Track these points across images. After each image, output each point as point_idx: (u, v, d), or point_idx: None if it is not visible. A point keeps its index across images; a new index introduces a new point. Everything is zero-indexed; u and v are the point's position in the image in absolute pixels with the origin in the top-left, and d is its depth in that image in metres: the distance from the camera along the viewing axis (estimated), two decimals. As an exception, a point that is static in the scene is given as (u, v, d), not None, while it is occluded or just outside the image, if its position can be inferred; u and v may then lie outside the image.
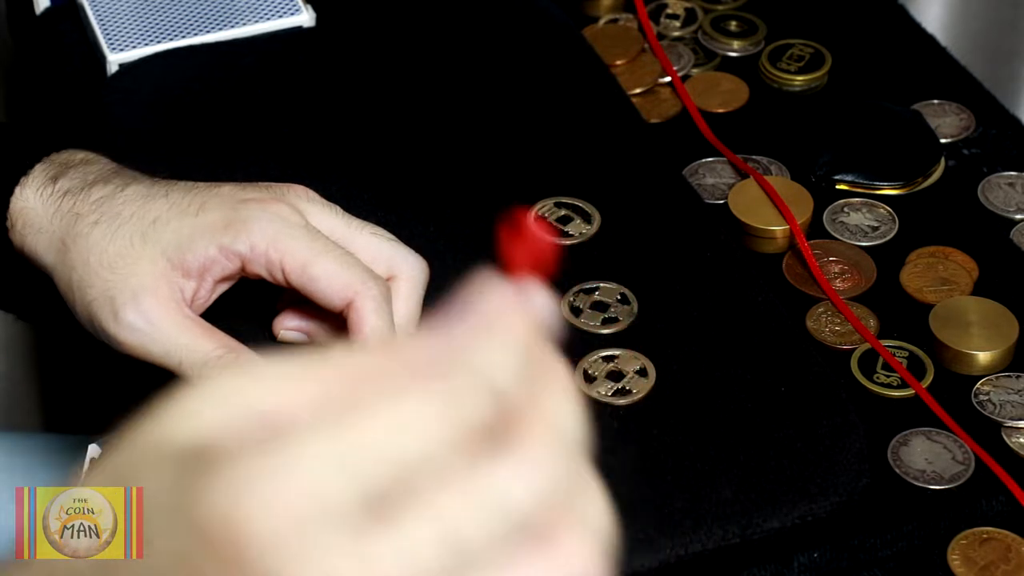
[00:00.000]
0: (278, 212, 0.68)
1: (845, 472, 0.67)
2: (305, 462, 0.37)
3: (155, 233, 0.68)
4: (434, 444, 0.37)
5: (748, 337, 0.73)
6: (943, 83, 0.90)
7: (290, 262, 0.67)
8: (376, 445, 0.37)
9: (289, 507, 0.37)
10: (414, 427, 0.37)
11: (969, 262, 0.79)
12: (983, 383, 0.73)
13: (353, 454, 0.37)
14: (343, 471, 0.37)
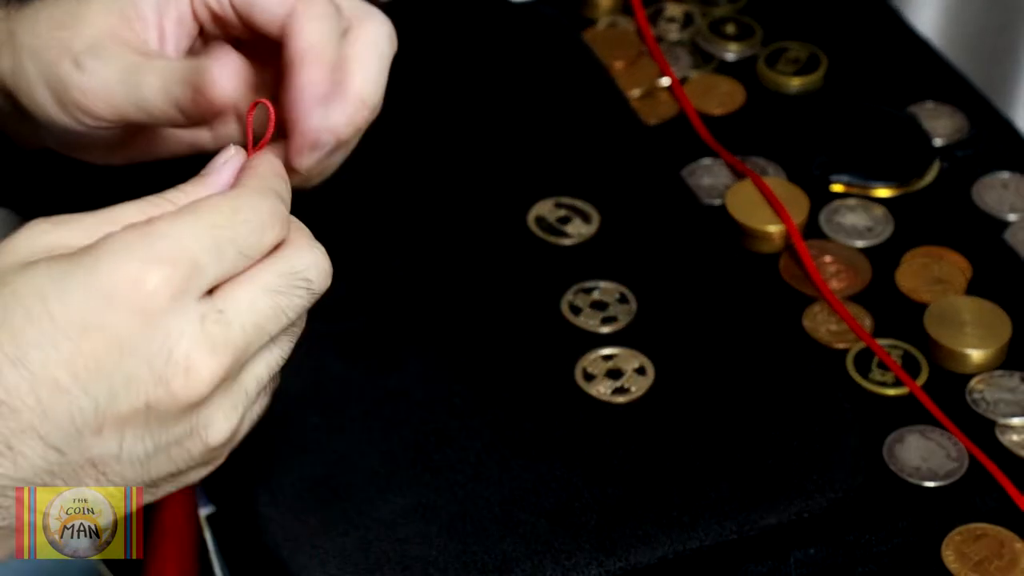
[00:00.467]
0: None
1: (841, 469, 0.68)
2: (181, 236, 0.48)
3: None
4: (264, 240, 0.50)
5: (745, 336, 0.73)
6: (937, 85, 0.90)
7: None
8: (231, 235, 0.49)
9: (179, 268, 0.48)
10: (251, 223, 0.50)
11: (963, 262, 0.79)
12: (977, 381, 0.74)
13: (217, 238, 0.49)
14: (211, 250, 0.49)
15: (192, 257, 0.49)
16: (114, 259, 0.48)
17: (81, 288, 0.48)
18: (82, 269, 0.48)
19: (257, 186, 0.52)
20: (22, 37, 0.61)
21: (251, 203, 0.51)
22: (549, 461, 0.68)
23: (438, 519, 0.66)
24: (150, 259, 0.48)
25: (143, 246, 0.48)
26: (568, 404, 0.70)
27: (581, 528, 0.65)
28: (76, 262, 0.48)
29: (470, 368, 0.72)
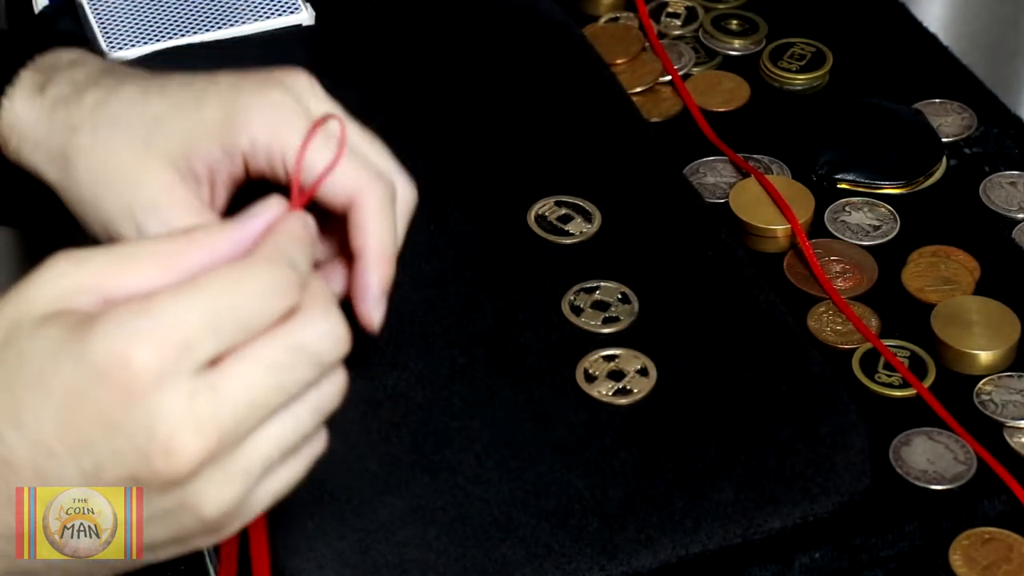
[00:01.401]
0: (278, 99, 0.64)
1: (846, 472, 0.67)
2: (175, 313, 0.49)
3: (157, 137, 0.64)
4: (266, 312, 0.51)
5: (749, 336, 0.73)
6: (944, 82, 0.90)
7: (292, 155, 0.62)
8: (230, 308, 0.50)
9: (167, 347, 0.49)
10: (254, 295, 0.50)
11: (971, 261, 0.79)
12: (985, 383, 0.73)
13: (215, 312, 0.50)
14: (207, 325, 0.49)
15: (184, 335, 0.49)
16: (106, 335, 0.49)
17: (73, 361, 0.49)
18: (78, 342, 0.49)
19: (268, 254, 0.52)
20: (80, 173, 0.65)
21: (256, 273, 0.51)
22: (550, 463, 0.68)
23: (437, 522, 0.65)
24: (139, 337, 0.49)
25: (135, 323, 0.49)
26: (569, 405, 0.70)
27: (582, 531, 0.65)
28: (75, 333, 0.49)
29: (470, 368, 0.71)
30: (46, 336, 0.50)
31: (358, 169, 0.63)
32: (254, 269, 0.51)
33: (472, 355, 0.72)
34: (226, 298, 0.50)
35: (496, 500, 0.66)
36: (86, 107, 0.66)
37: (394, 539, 0.65)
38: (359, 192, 0.63)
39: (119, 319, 0.49)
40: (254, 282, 0.51)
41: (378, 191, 0.63)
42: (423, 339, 0.73)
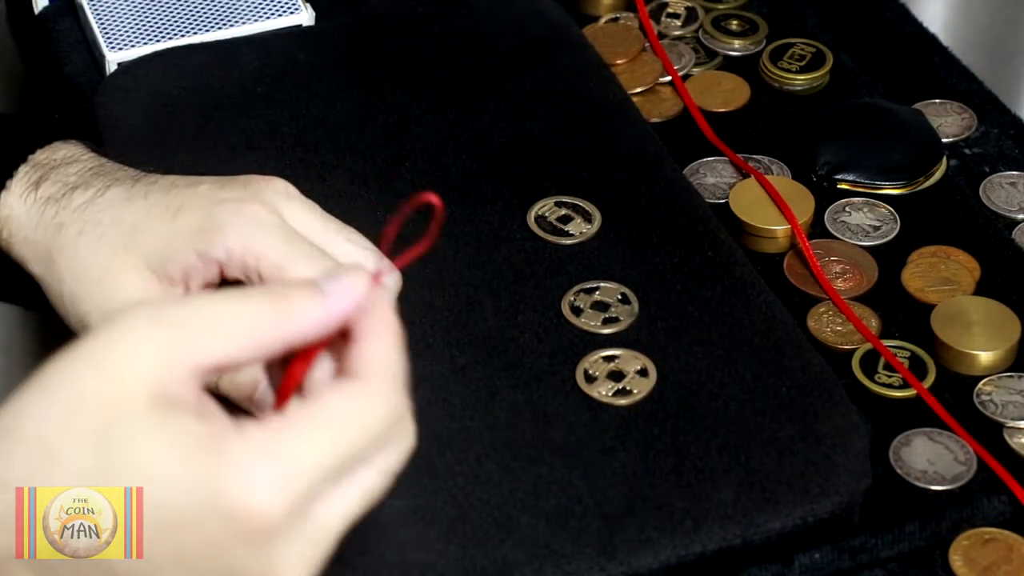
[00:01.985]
0: (254, 214, 0.66)
1: (846, 472, 0.67)
2: (305, 459, 0.50)
3: (136, 242, 0.67)
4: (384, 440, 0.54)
5: (749, 337, 0.73)
6: (944, 82, 0.90)
7: (266, 266, 0.65)
8: (354, 447, 0.52)
9: (295, 498, 0.50)
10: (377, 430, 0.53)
11: (971, 262, 0.79)
12: (985, 383, 0.73)
13: (342, 455, 0.51)
14: (333, 467, 0.51)
15: (311, 485, 0.51)
16: (239, 482, 0.50)
17: (201, 497, 0.50)
18: (208, 481, 0.50)
19: (386, 384, 0.53)
20: (62, 270, 0.69)
21: (380, 412, 0.53)
22: (550, 463, 0.67)
23: (437, 522, 0.65)
24: (271, 489, 0.50)
25: (267, 470, 0.50)
26: (569, 406, 0.70)
27: (582, 532, 0.65)
28: (203, 467, 0.50)
29: (470, 369, 0.71)
30: (165, 453, 0.50)
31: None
32: (378, 405, 0.53)
33: (472, 355, 0.72)
34: (351, 439, 0.52)
35: (496, 500, 0.66)
36: (72, 207, 0.69)
37: (394, 539, 0.65)
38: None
39: (253, 466, 0.50)
40: (378, 419, 0.52)
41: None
42: (423, 339, 0.73)
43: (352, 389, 0.52)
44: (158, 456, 0.50)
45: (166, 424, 0.50)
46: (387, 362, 0.53)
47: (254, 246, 0.65)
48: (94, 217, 0.69)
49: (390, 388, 0.53)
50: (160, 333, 0.51)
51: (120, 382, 0.50)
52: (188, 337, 0.51)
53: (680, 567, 0.65)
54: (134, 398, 0.50)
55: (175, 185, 0.69)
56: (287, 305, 0.52)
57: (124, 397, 0.50)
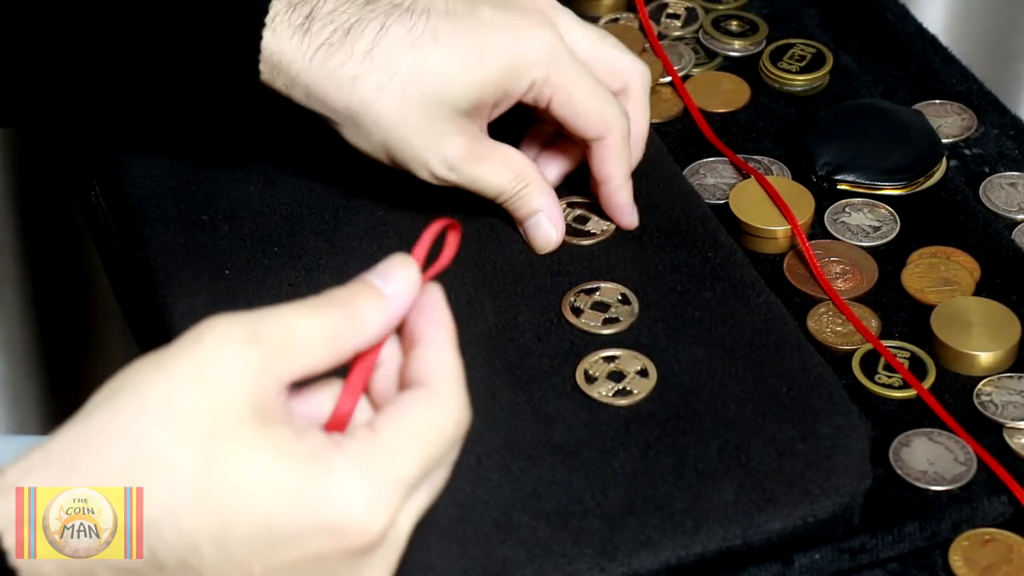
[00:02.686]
0: (549, 45, 0.73)
1: (846, 473, 0.67)
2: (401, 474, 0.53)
3: (446, 91, 0.71)
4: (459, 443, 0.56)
5: (749, 337, 0.73)
6: (945, 83, 0.90)
7: (559, 98, 0.73)
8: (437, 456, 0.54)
9: (392, 511, 0.52)
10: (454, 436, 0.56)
11: (971, 262, 0.79)
12: (985, 384, 0.73)
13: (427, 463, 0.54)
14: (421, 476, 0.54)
15: (403, 498, 0.53)
16: (345, 498, 0.51)
17: (306, 512, 0.51)
18: (313, 497, 0.51)
19: (455, 393, 0.56)
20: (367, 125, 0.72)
21: (453, 419, 0.55)
22: (550, 464, 0.67)
23: (437, 523, 0.65)
24: (372, 507, 0.52)
25: (369, 487, 0.52)
26: (569, 406, 0.70)
27: (583, 532, 0.65)
28: (308, 483, 0.51)
29: (470, 369, 0.71)
30: (269, 469, 0.51)
31: (603, 111, 0.74)
32: (451, 413, 0.55)
33: (472, 355, 0.72)
34: (433, 449, 0.54)
35: (496, 501, 0.66)
36: (358, 54, 0.71)
37: (394, 539, 0.65)
38: (607, 131, 0.74)
39: (355, 483, 0.52)
40: (452, 426, 0.55)
41: (622, 127, 0.74)
42: (423, 340, 0.73)
43: (430, 401, 0.55)
44: (264, 470, 0.51)
45: (269, 438, 0.51)
46: (452, 368, 0.56)
47: (552, 77, 0.72)
48: (389, 65, 0.71)
49: (459, 394, 0.56)
50: (254, 351, 0.52)
51: (222, 396, 0.51)
52: (278, 354, 0.52)
53: (680, 567, 0.65)
54: (236, 411, 0.51)
55: (455, 17, 0.72)
56: (355, 313, 0.54)
57: (227, 410, 0.51)
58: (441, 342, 0.56)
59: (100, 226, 0.84)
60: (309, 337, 0.53)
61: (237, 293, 0.74)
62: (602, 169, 0.75)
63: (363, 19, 0.71)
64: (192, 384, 0.51)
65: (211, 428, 0.51)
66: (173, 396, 0.51)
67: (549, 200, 0.75)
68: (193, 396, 0.51)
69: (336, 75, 0.70)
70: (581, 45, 0.74)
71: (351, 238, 0.77)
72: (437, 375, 0.55)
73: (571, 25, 0.75)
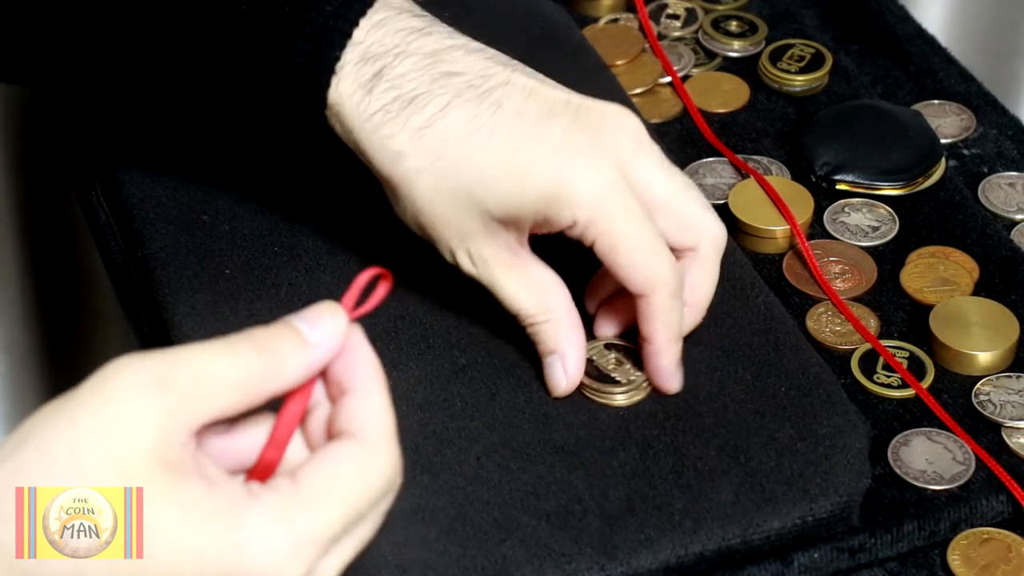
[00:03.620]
0: (605, 176, 0.66)
1: (845, 472, 0.67)
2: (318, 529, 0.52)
3: (481, 196, 0.66)
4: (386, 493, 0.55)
5: (748, 337, 0.73)
6: (944, 83, 0.90)
7: (603, 243, 0.66)
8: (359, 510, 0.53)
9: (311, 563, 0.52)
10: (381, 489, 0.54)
11: (970, 262, 0.79)
12: (983, 383, 0.73)
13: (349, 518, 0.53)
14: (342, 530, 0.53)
15: (322, 550, 0.52)
16: (258, 550, 0.51)
17: (219, 562, 0.50)
18: (229, 560, 0.50)
19: (383, 444, 0.54)
20: (401, 197, 0.68)
21: (381, 473, 0.54)
22: (550, 463, 0.67)
23: (437, 522, 0.65)
24: (289, 561, 0.51)
25: (284, 543, 0.51)
26: (569, 406, 0.70)
27: (582, 531, 0.65)
28: (221, 534, 0.50)
29: (470, 369, 0.71)
30: (178, 520, 0.50)
31: (650, 266, 0.67)
32: (379, 465, 0.54)
33: (472, 355, 0.72)
34: (356, 502, 0.53)
35: (496, 500, 0.66)
36: (409, 130, 0.67)
37: (394, 539, 0.64)
38: (651, 290, 0.67)
39: (270, 536, 0.51)
40: (380, 480, 0.54)
41: (669, 287, 0.67)
42: (423, 339, 0.73)
43: (356, 452, 0.54)
44: (173, 526, 0.50)
45: (177, 493, 0.50)
46: (382, 419, 0.54)
47: (598, 219, 0.66)
48: (435, 148, 0.66)
49: (389, 446, 0.54)
50: (162, 399, 0.51)
51: (127, 449, 0.50)
52: (188, 400, 0.51)
53: (680, 567, 0.65)
54: (143, 465, 0.50)
55: (522, 120, 0.67)
56: (274, 358, 0.53)
57: (133, 465, 0.50)
58: (371, 390, 0.55)
59: (101, 226, 0.84)
60: (222, 381, 0.52)
61: (237, 293, 0.74)
62: (645, 326, 0.68)
63: (429, 92, 0.67)
64: (97, 437, 0.50)
65: (118, 485, 0.50)
66: (77, 450, 0.50)
67: (569, 346, 0.69)
68: (98, 451, 0.50)
69: (384, 146, 0.67)
70: (657, 190, 0.68)
71: (352, 239, 0.77)
72: (367, 426, 0.54)
73: (652, 167, 0.68)
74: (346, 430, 0.54)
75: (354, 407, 0.54)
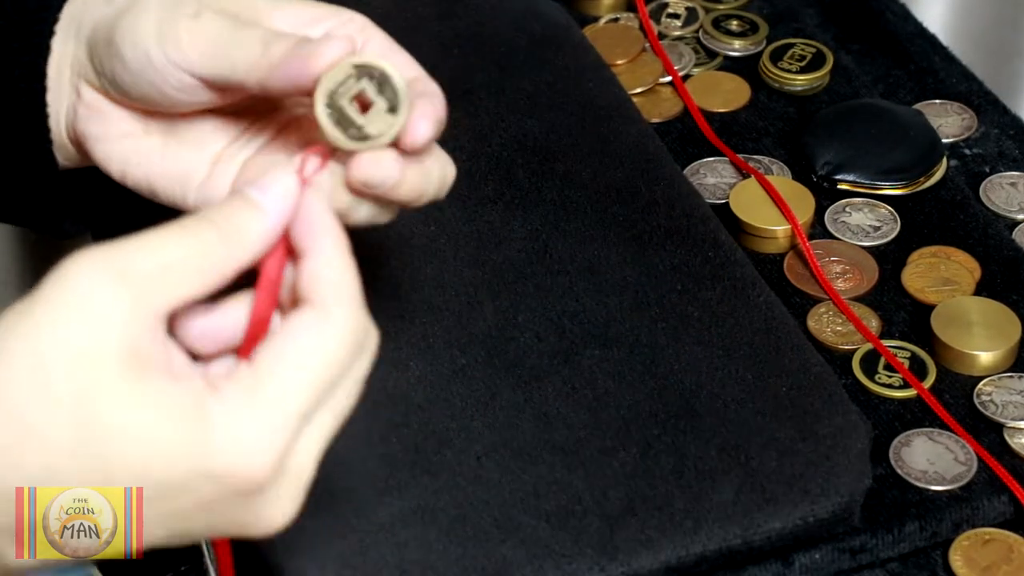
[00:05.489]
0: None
1: (847, 473, 0.67)
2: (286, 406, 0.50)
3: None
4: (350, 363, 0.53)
5: (749, 337, 0.73)
6: (945, 82, 0.90)
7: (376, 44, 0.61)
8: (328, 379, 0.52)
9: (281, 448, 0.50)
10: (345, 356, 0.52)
11: (971, 262, 0.79)
12: (985, 384, 0.73)
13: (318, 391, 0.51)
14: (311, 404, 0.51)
15: (293, 429, 0.51)
16: (224, 445, 0.50)
17: (187, 462, 0.50)
18: (192, 446, 0.50)
19: (344, 309, 0.52)
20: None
21: (343, 339, 0.52)
22: (550, 463, 0.67)
23: (437, 522, 0.65)
24: (257, 448, 0.50)
25: (251, 428, 0.50)
26: (569, 405, 0.70)
27: (583, 532, 0.65)
28: (185, 433, 0.50)
29: (470, 369, 0.71)
30: (145, 419, 0.49)
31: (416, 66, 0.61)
32: (341, 332, 0.52)
33: (472, 355, 0.72)
34: (322, 372, 0.52)
35: (496, 501, 0.66)
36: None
37: (394, 540, 0.65)
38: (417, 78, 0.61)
39: (235, 428, 0.50)
40: (343, 346, 0.52)
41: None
42: (423, 339, 0.73)
43: (314, 321, 0.52)
44: (140, 425, 0.49)
45: (143, 390, 0.49)
46: (340, 281, 0.53)
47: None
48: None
49: (350, 311, 0.52)
50: (124, 290, 0.49)
51: (92, 347, 0.49)
52: (150, 288, 0.50)
53: (680, 567, 0.65)
54: (108, 363, 0.49)
55: None
56: (230, 228, 0.52)
57: (98, 363, 0.49)
58: (326, 252, 0.53)
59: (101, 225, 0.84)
60: (182, 263, 0.51)
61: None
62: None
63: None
64: (59, 337, 0.49)
65: (83, 385, 0.49)
66: (40, 352, 0.49)
67: None
68: (62, 351, 0.49)
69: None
70: None
71: (351, 239, 0.77)
72: (323, 290, 0.52)
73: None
74: (304, 297, 0.52)
75: (310, 271, 0.53)
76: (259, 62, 0.59)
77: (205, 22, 0.60)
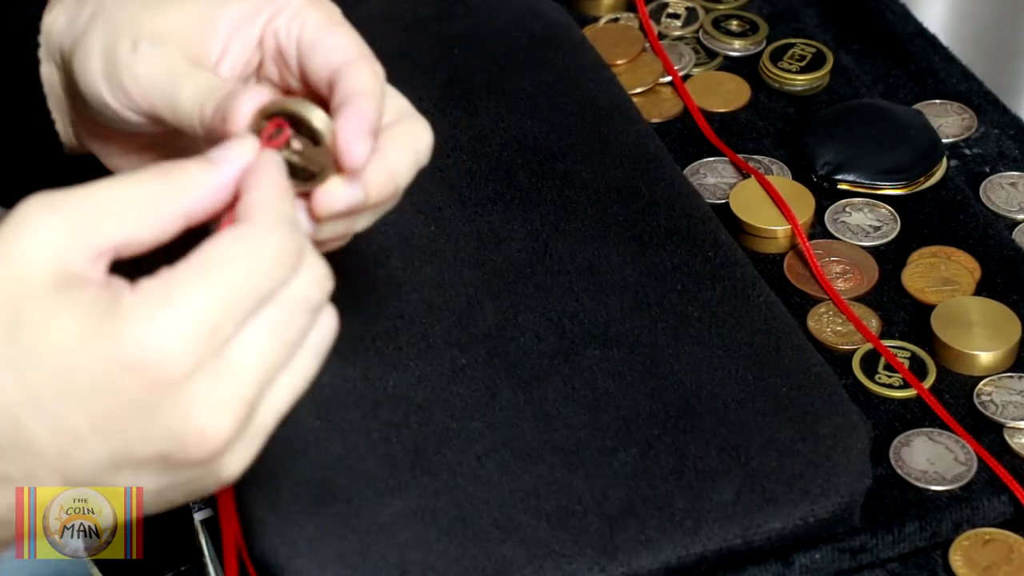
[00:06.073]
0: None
1: (847, 473, 0.67)
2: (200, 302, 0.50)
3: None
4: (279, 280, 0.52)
5: (749, 337, 0.72)
6: (945, 82, 0.90)
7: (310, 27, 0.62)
8: (247, 286, 0.51)
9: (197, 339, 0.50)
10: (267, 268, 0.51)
11: (971, 262, 0.79)
12: (985, 384, 0.73)
13: (235, 294, 0.50)
14: (229, 308, 0.50)
15: (210, 324, 0.50)
16: (136, 332, 0.50)
17: (104, 356, 0.49)
18: (107, 338, 0.49)
19: (271, 221, 0.53)
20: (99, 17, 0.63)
21: (267, 245, 0.52)
22: (550, 463, 0.67)
23: (437, 523, 0.65)
24: (170, 334, 0.50)
25: (164, 317, 0.50)
26: (569, 405, 0.70)
27: (583, 532, 0.65)
28: (102, 327, 0.50)
29: (470, 369, 0.71)
30: (66, 324, 0.50)
31: (357, 46, 0.61)
32: (265, 241, 0.52)
33: (472, 355, 0.72)
34: (243, 277, 0.51)
35: (496, 501, 0.66)
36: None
37: (394, 540, 0.65)
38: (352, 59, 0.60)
39: (147, 314, 0.50)
40: (267, 253, 0.52)
41: (371, 63, 0.61)
42: (423, 339, 0.73)
43: (237, 231, 0.52)
44: (60, 329, 0.50)
45: (69, 298, 0.50)
46: (270, 204, 0.53)
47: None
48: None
49: (274, 225, 0.53)
50: (58, 219, 0.51)
51: (22, 269, 0.50)
52: (87, 220, 0.51)
53: (680, 567, 0.65)
54: (37, 281, 0.50)
55: None
56: (179, 174, 0.53)
57: (28, 282, 0.50)
58: (263, 185, 0.53)
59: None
60: (125, 203, 0.52)
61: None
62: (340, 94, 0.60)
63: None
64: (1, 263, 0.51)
65: (12, 304, 0.50)
66: None
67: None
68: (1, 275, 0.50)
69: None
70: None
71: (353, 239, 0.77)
72: (253, 211, 0.53)
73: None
74: (237, 218, 0.53)
75: (245, 200, 0.53)
76: (194, 120, 0.60)
77: (143, 57, 0.61)
